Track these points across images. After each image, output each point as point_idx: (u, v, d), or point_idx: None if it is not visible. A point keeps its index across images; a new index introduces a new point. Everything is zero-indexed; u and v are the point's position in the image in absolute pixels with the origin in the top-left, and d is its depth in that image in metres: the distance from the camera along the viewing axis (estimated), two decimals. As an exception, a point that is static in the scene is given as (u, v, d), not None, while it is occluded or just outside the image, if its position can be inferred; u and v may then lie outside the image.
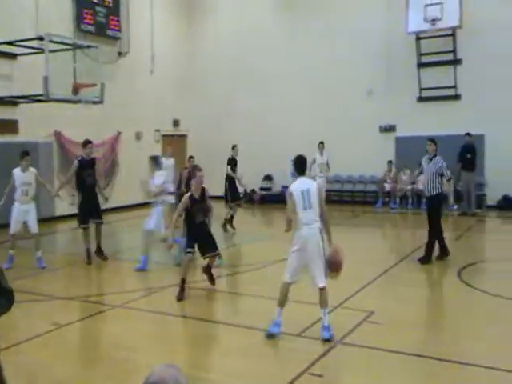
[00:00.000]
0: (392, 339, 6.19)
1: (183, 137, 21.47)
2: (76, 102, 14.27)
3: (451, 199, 10.63)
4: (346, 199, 18.79)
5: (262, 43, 19.98)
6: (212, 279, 8.42)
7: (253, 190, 19.77)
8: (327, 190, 18.93)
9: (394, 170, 17.82)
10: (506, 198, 16.43)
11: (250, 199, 19.60)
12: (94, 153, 10.90)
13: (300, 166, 6.56)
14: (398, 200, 17.56)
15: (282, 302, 6.36)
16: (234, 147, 14.32)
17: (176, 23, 21.17)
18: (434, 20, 16.44)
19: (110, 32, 17.61)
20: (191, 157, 12.64)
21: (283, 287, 6.38)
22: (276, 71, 19.69)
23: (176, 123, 21.02)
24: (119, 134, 18.00)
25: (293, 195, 6.27)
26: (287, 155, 16.93)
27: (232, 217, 13.96)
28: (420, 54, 17.31)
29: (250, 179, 18.94)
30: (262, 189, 20.12)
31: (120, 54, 18.17)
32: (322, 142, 16.17)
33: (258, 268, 9.74)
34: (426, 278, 9.03)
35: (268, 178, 20.21)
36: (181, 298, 7.79)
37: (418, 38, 17.18)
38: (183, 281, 7.87)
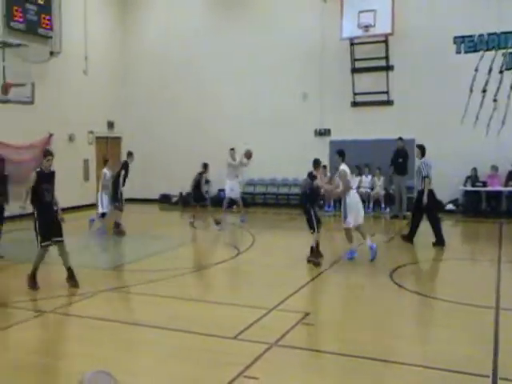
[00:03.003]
0: (327, 340, 6.28)
1: (117, 139, 21.08)
2: (5, 102, 13.79)
3: (425, 198, 11.64)
4: (282, 202, 18.98)
5: (198, 43, 19.94)
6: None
7: (188, 194, 19.60)
8: (256, 193, 19.21)
9: (328, 174, 18.10)
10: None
11: (185, 202, 19.45)
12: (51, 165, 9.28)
13: (344, 155, 10.47)
14: (332, 203, 17.85)
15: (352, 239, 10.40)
16: (131, 154, 14.34)
17: (110, 22, 20.77)
18: (367, 26, 16.87)
19: (41, 31, 17.04)
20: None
21: (349, 232, 10.30)
22: (211, 73, 19.70)
23: (110, 125, 20.62)
24: (51, 135, 17.45)
25: (347, 174, 10.25)
26: (222, 158, 17.00)
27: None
28: (354, 60, 17.71)
29: (187, 182, 18.83)
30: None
31: (52, 53, 17.62)
32: (232, 149, 16.08)
33: (187, 273, 9.70)
34: (360, 280, 9.22)
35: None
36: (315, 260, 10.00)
37: (352, 44, 17.58)
38: (316, 247, 10.24)
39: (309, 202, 10.38)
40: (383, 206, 17.26)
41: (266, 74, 18.90)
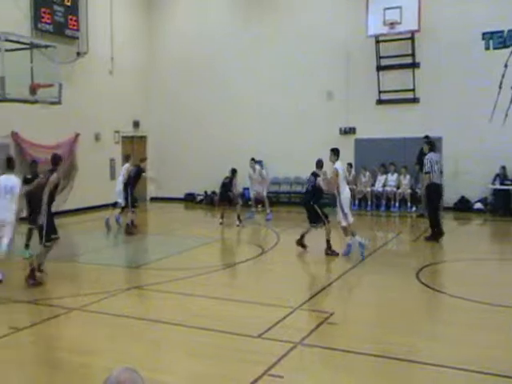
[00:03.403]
0: (351, 340, 6.24)
1: (143, 138, 21.27)
2: (33, 103, 13.94)
3: (421, 196, 12.34)
4: (307, 201, 18.89)
5: (222, 43, 19.97)
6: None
7: (213, 192, 19.70)
8: (281, 192, 19.24)
9: (353, 172, 17.98)
10: (462, 199, 16.80)
11: (210, 201, 19.57)
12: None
13: (338, 152, 10.73)
14: (357, 202, 17.71)
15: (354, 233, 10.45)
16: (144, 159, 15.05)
17: (136, 23, 20.94)
18: (392, 24, 16.71)
19: (68, 32, 17.27)
20: None
21: (349, 227, 10.45)
22: (235, 71, 19.69)
23: (136, 124, 20.79)
24: (77, 135, 17.68)
25: (339, 172, 10.44)
26: (246, 156, 17.04)
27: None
28: (379, 57, 17.55)
29: (211, 181, 18.93)
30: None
31: (79, 54, 17.84)
32: (253, 159, 16.44)
33: (211, 271, 9.72)
34: (384, 279, 9.13)
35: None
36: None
37: (378, 41, 17.42)
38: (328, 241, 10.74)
39: (312, 200, 10.96)
40: (409, 204, 17.09)
41: (290, 72, 18.81)
